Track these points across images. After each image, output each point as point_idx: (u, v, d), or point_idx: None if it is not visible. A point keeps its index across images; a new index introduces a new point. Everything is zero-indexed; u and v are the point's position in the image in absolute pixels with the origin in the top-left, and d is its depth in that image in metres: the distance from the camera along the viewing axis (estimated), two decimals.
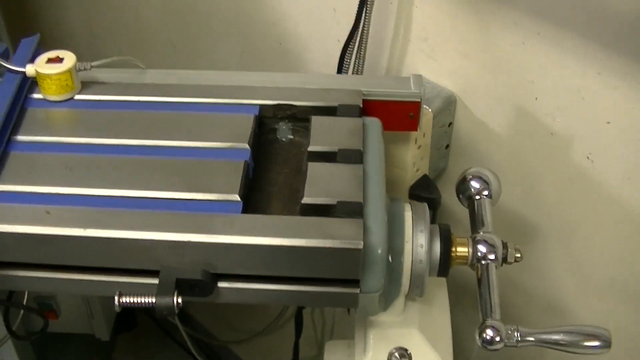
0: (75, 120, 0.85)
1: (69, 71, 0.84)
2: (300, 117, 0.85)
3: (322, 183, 0.74)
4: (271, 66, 1.33)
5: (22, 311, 1.30)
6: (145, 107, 0.85)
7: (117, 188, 0.75)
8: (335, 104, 0.84)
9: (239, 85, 0.87)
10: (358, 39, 1.09)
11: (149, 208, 0.72)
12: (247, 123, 0.81)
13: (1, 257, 0.73)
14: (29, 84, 0.87)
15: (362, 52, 1.09)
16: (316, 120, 0.82)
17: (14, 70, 0.86)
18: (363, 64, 1.11)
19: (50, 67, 0.84)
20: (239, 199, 0.73)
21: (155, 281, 0.70)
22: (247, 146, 0.78)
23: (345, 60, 1.12)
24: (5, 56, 0.91)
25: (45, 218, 0.72)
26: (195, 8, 1.41)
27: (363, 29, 1.07)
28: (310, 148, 0.78)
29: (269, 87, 0.87)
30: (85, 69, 0.85)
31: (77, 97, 0.87)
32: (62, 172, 0.77)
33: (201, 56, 1.48)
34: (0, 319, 1.27)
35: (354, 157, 0.77)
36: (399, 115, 0.87)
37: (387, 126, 0.86)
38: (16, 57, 0.90)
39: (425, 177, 1.02)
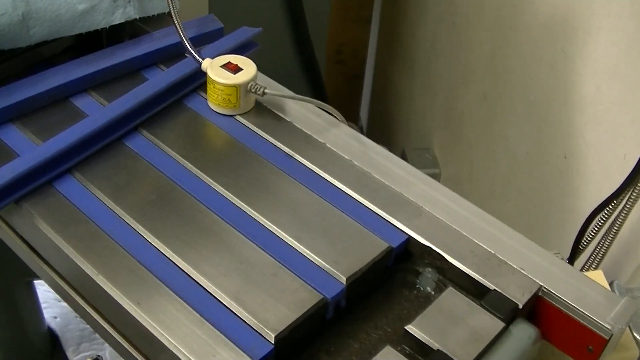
0: (208, 143, 0.73)
1: (236, 87, 0.71)
2: (448, 277, 0.64)
3: None
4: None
5: None
6: (292, 170, 0.69)
7: (171, 250, 0.61)
8: (492, 286, 0.62)
9: (411, 199, 0.68)
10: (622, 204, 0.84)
11: (184, 296, 0.58)
12: (372, 252, 0.63)
13: None
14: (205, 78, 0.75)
15: (618, 223, 0.84)
16: (448, 295, 0.61)
17: (193, 57, 0.74)
18: (613, 239, 0.87)
19: (220, 73, 0.72)
20: (272, 342, 0.55)
21: None
22: (343, 281, 0.60)
23: (596, 222, 0.88)
24: (214, 36, 0.80)
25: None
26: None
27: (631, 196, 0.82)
28: (409, 327, 0.58)
29: (437, 217, 0.67)
30: (257, 93, 0.71)
31: (239, 118, 0.74)
32: (146, 195, 0.66)
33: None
34: None
35: None
36: (572, 337, 0.62)
37: (554, 340, 0.63)
38: (216, 44, 0.78)
39: None
